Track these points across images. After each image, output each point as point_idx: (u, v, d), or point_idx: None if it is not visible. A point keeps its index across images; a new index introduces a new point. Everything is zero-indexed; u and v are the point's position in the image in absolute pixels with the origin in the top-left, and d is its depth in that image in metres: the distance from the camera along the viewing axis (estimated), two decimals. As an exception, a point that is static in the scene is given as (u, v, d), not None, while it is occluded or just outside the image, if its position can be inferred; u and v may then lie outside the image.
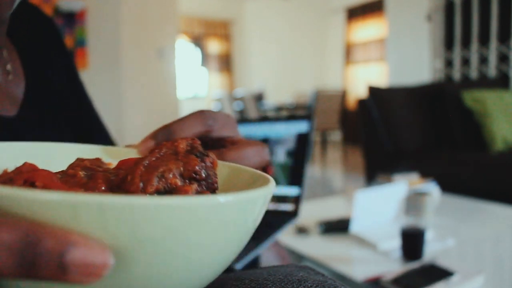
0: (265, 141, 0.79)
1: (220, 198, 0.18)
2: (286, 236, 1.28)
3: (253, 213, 0.21)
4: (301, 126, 0.77)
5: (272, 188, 0.23)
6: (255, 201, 0.21)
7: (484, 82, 2.81)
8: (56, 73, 0.49)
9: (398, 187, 1.34)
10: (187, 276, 0.20)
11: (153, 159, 0.23)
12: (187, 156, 0.24)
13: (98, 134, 0.54)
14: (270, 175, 0.26)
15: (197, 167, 0.23)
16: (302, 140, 0.76)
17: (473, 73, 3.61)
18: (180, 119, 0.31)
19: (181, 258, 0.18)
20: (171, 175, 0.22)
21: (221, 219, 0.19)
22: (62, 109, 0.48)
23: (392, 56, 4.32)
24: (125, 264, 0.17)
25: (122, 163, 0.26)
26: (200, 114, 0.31)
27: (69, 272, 0.15)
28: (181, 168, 0.23)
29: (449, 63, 3.83)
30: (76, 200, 0.16)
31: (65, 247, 0.15)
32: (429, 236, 1.19)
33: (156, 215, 0.17)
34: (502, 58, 3.44)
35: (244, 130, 0.81)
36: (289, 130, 0.78)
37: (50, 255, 0.15)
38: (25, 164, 0.23)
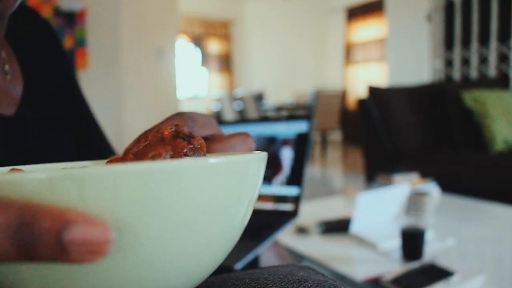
0: (271, 140, 0.79)
1: (210, 160, 0.18)
2: (286, 236, 1.28)
3: (246, 178, 0.21)
4: (301, 126, 0.77)
5: (264, 156, 0.23)
6: (247, 164, 0.20)
7: (484, 82, 2.81)
8: (54, 74, 0.49)
9: (401, 189, 1.34)
10: (188, 251, 0.19)
11: (141, 147, 0.23)
12: (174, 140, 0.23)
13: (95, 136, 0.54)
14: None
15: (185, 149, 0.23)
16: (302, 140, 0.76)
17: (473, 73, 3.61)
18: (159, 124, 0.31)
19: (177, 229, 0.18)
20: (162, 159, 0.22)
21: (213, 182, 0.18)
22: (60, 110, 0.48)
23: (392, 56, 4.32)
24: (125, 240, 0.17)
25: (109, 162, 0.26)
26: (179, 116, 0.31)
27: (69, 252, 0.14)
28: (171, 152, 0.22)
29: (449, 63, 3.83)
30: (63, 175, 0.15)
31: (63, 226, 0.14)
32: (429, 236, 1.19)
33: (146, 182, 0.16)
34: (502, 58, 3.44)
35: (243, 130, 0.81)
36: (289, 130, 0.78)
37: (48, 235, 0.14)
38: (12, 169, 0.23)
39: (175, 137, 0.24)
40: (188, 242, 0.19)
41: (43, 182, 0.15)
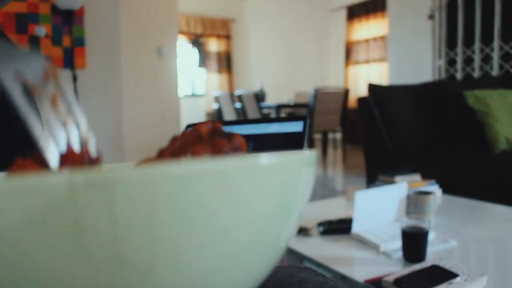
0: (266, 141, 0.77)
1: (261, 160, 0.16)
2: (286, 236, 1.26)
3: (298, 179, 0.19)
4: (296, 127, 0.75)
5: (315, 155, 0.21)
6: (300, 163, 0.19)
7: (487, 81, 2.80)
8: None
9: (398, 187, 1.34)
10: (229, 272, 0.17)
11: (177, 146, 0.22)
12: (213, 138, 0.22)
13: None
14: None
15: (226, 148, 0.21)
16: (297, 141, 0.75)
17: (476, 72, 3.60)
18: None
19: (217, 246, 0.16)
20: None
21: (264, 186, 0.17)
22: None
23: (394, 55, 4.31)
24: (161, 253, 0.15)
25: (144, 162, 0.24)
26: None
27: None
28: (210, 151, 0.21)
29: (451, 62, 3.81)
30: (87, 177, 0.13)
31: None
32: (431, 237, 1.17)
33: (190, 185, 0.14)
34: (505, 57, 3.43)
35: (239, 130, 0.80)
36: (283, 131, 0.76)
37: None
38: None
39: (214, 135, 0.22)
40: (229, 261, 0.17)
41: (62, 188, 0.13)
